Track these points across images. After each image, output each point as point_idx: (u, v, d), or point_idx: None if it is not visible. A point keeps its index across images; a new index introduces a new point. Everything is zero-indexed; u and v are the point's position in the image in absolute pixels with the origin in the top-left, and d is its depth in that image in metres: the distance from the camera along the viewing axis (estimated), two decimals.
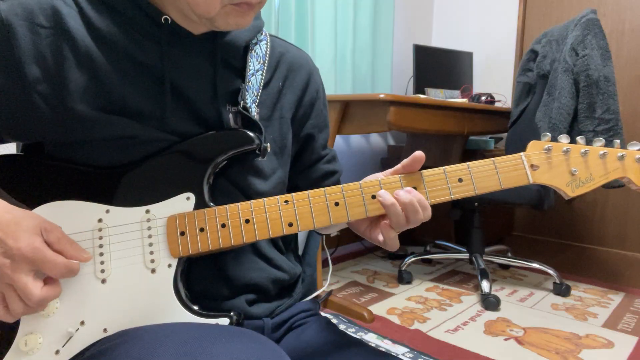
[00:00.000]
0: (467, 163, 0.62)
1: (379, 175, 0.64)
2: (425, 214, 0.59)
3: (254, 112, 0.67)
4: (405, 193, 0.58)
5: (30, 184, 0.58)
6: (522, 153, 0.62)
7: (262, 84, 0.69)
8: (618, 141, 0.62)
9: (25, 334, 0.55)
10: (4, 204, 0.52)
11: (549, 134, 0.62)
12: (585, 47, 1.76)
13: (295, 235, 0.82)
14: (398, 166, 0.63)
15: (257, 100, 0.68)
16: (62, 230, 0.55)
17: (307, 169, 0.80)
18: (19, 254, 0.49)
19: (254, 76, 0.68)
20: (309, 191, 0.60)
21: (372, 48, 2.49)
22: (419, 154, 0.60)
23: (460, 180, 0.61)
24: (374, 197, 0.60)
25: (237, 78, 0.68)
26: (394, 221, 0.59)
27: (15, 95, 0.57)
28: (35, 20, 0.56)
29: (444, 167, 0.61)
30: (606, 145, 0.62)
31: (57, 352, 0.55)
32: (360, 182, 0.61)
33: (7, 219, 0.50)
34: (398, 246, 0.61)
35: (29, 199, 0.57)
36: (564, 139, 0.62)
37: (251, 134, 0.63)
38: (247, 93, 0.67)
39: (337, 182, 0.82)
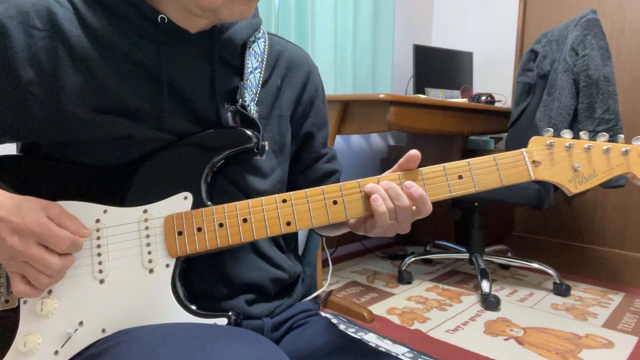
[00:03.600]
0: (468, 160, 0.61)
1: None
2: (425, 208, 0.59)
3: (253, 110, 0.67)
4: (389, 182, 0.59)
5: (28, 184, 0.58)
6: (523, 149, 0.62)
7: (260, 82, 0.69)
8: (622, 136, 0.61)
9: (25, 334, 0.55)
10: (3, 192, 0.54)
11: (551, 129, 0.61)
12: (585, 47, 1.76)
13: (296, 235, 0.81)
14: (395, 166, 0.62)
15: (256, 99, 0.68)
16: (61, 207, 0.55)
17: (307, 169, 0.79)
18: (26, 229, 0.51)
19: (253, 74, 0.68)
20: (307, 190, 0.60)
21: (372, 48, 2.48)
22: (413, 152, 0.60)
23: (460, 177, 0.61)
24: None
25: (236, 76, 0.68)
26: (376, 207, 0.58)
27: (9, 97, 0.57)
28: (29, 22, 0.56)
29: (443, 164, 0.61)
30: (610, 141, 0.61)
31: (56, 352, 0.55)
32: (358, 180, 0.61)
33: (8, 202, 0.52)
34: (406, 231, 0.60)
35: None
36: (567, 134, 0.61)
37: (249, 132, 0.63)
38: (245, 91, 0.66)
39: (338, 181, 0.82)
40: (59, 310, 0.56)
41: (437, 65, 2.60)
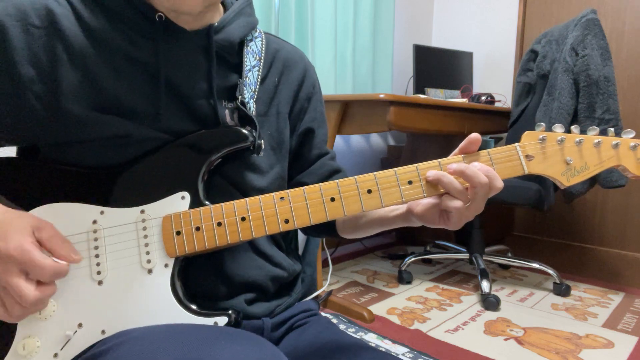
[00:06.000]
0: (462, 155, 0.61)
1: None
2: (495, 184, 0.58)
3: (252, 107, 0.67)
4: (458, 164, 0.58)
5: (25, 187, 0.58)
6: (516, 143, 0.62)
7: (259, 80, 0.69)
8: (612, 129, 0.62)
9: (23, 337, 0.54)
10: None
11: (543, 124, 0.61)
12: (585, 47, 1.76)
13: (295, 234, 0.81)
14: (456, 150, 0.62)
15: (255, 96, 0.68)
16: (55, 228, 0.54)
17: (312, 165, 0.79)
18: (7, 255, 0.48)
19: (251, 72, 0.68)
20: (304, 187, 0.60)
21: (372, 48, 2.48)
22: (474, 135, 0.60)
23: None
24: (369, 191, 0.60)
25: (234, 74, 0.68)
26: (451, 190, 0.57)
27: (9, 96, 0.56)
28: (28, 20, 0.56)
29: (438, 160, 0.61)
30: (600, 134, 0.62)
31: (56, 355, 0.55)
32: (355, 177, 0.61)
33: None
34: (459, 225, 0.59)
35: (24, 202, 0.57)
36: (558, 128, 0.62)
37: (245, 131, 0.63)
38: (244, 88, 0.67)
39: None
40: (58, 313, 0.55)
41: (437, 65, 2.60)
